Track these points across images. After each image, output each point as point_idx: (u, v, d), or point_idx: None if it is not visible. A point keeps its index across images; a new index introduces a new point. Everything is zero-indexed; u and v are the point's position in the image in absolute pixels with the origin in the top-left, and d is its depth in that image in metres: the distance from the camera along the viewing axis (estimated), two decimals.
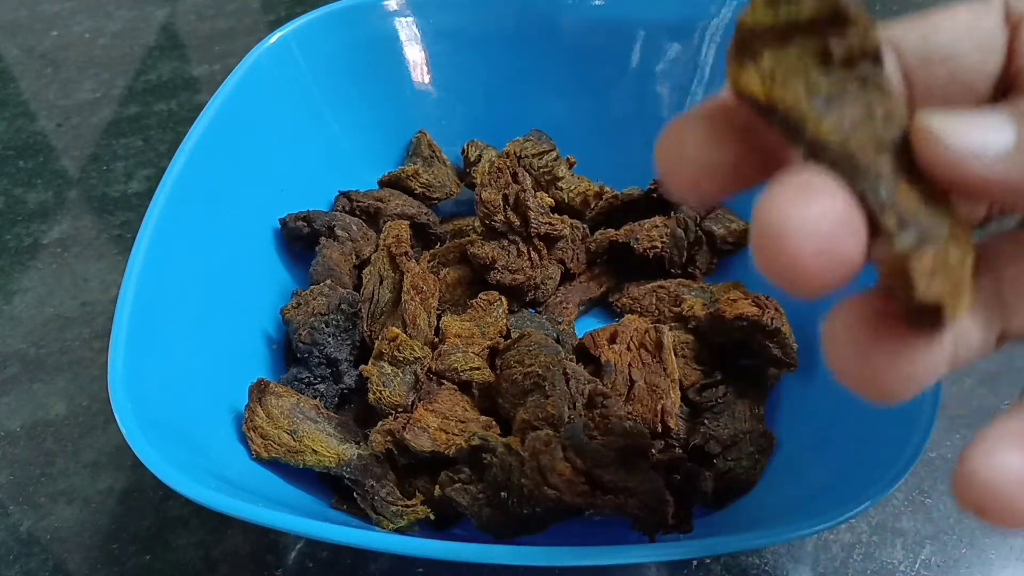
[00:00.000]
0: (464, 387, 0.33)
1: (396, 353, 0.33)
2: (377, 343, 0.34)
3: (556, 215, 0.40)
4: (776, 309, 0.34)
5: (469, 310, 0.36)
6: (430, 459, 0.31)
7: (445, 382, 0.33)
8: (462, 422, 0.31)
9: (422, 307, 0.36)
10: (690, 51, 0.44)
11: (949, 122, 0.15)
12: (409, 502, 0.31)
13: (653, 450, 0.31)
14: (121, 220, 0.50)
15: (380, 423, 0.32)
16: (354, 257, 0.41)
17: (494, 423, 0.32)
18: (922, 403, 0.27)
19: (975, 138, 0.15)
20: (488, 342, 0.34)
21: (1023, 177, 0.14)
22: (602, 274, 0.42)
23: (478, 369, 0.32)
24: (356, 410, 0.36)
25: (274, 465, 0.32)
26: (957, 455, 0.36)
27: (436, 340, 0.35)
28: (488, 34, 0.46)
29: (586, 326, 0.40)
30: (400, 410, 0.33)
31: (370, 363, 0.34)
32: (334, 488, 0.33)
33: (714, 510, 0.32)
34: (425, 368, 0.33)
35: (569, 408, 0.30)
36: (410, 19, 0.47)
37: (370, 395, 0.33)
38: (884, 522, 0.33)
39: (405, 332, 0.35)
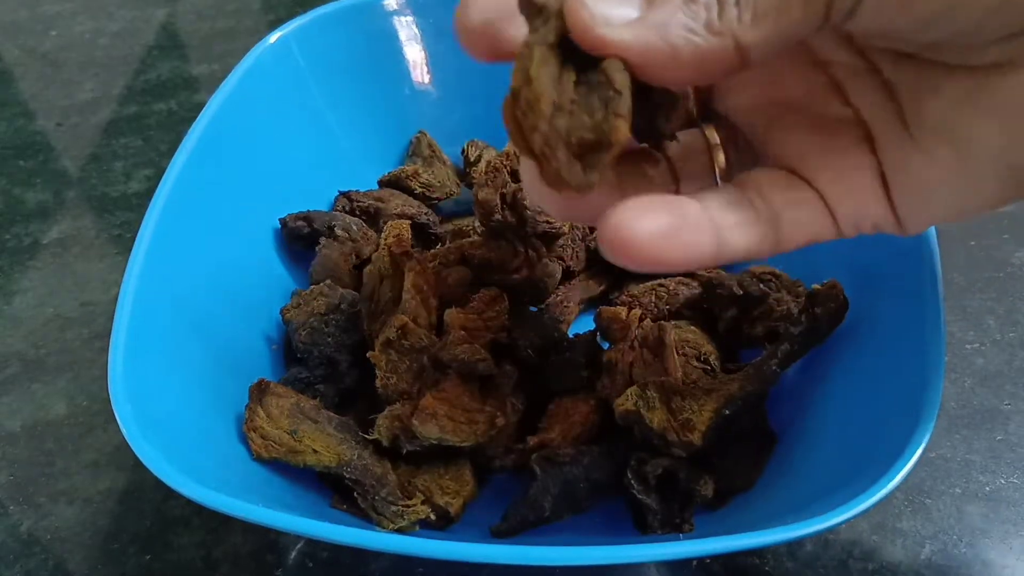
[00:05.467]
0: (468, 378, 0.33)
1: (403, 341, 0.34)
2: (384, 331, 0.34)
3: None
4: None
5: (472, 303, 0.36)
6: (435, 447, 0.31)
7: (450, 372, 0.33)
8: (467, 411, 0.32)
9: (423, 306, 0.36)
10: None
11: None
12: (409, 502, 0.31)
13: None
14: (121, 220, 0.50)
15: (388, 409, 0.32)
16: (354, 257, 0.41)
17: (499, 414, 0.32)
18: (922, 403, 0.27)
19: (606, 8, 0.18)
20: (491, 335, 0.34)
21: (646, 43, 0.18)
22: (602, 272, 0.42)
23: (484, 360, 0.33)
24: (357, 410, 0.36)
25: (274, 465, 0.32)
26: (957, 455, 0.36)
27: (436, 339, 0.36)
28: None
29: (586, 325, 0.40)
30: (405, 397, 0.33)
31: (377, 350, 0.34)
32: (334, 488, 0.33)
33: (714, 508, 0.32)
34: (432, 357, 0.33)
35: None
36: (410, 19, 0.47)
37: (377, 381, 0.33)
38: (884, 522, 0.33)
39: None
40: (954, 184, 0.20)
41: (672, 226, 0.20)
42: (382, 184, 0.45)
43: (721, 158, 0.24)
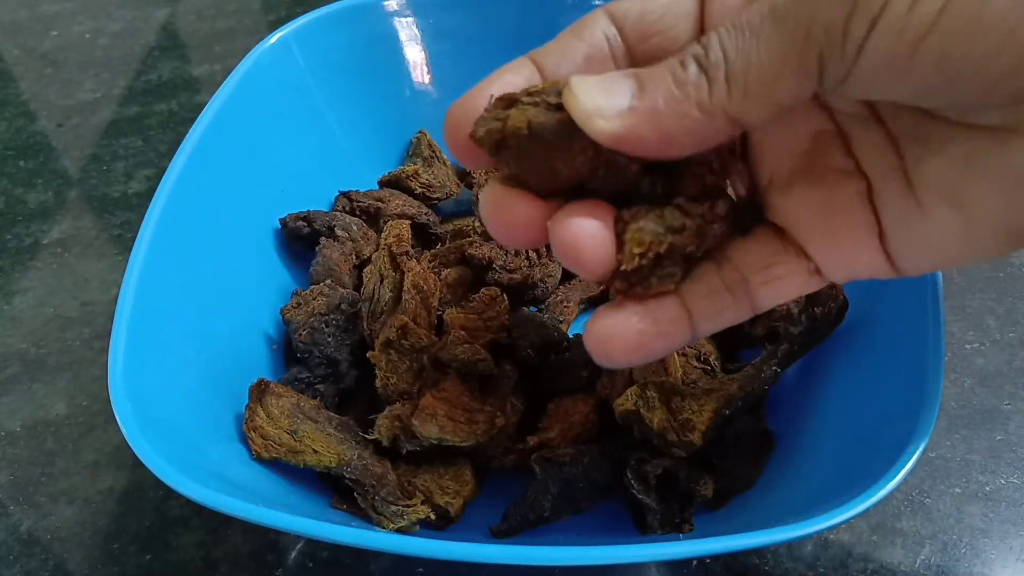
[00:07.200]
0: (468, 378, 0.33)
1: (403, 341, 0.34)
2: (384, 331, 0.34)
3: None
4: None
5: (471, 303, 0.36)
6: (435, 446, 0.31)
7: (450, 371, 0.33)
8: (467, 411, 0.32)
9: (423, 306, 0.36)
10: None
11: (584, 86, 0.19)
12: (409, 502, 0.31)
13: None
14: (121, 220, 0.50)
15: (388, 409, 0.32)
16: (354, 257, 0.41)
17: (499, 414, 0.32)
18: (922, 403, 0.27)
19: (599, 100, 0.18)
20: (491, 335, 0.35)
21: (639, 131, 0.18)
22: None
23: (484, 360, 0.33)
24: (357, 410, 0.36)
25: (274, 465, 0.32)
26: (957, 455, 0.36)
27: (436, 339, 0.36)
28: (488, 34, 0.46)
29: None
30: (406, 397, 0.33)
31: (377, 350, 0.34)
32: (334, 488, 0.33)
33: (714, 508, 0.32)
34: (432, 357, 0.33)
35: None
36: (410, 19, 0.47)
37: (377, 381, 0.33)
38: (884, 522, 0.33)
39: None
40: (953, 241, 0.20)
41: (647, 334, 0.22)
42: (382, 184, 0.45)
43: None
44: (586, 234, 0.20)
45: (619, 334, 0.22)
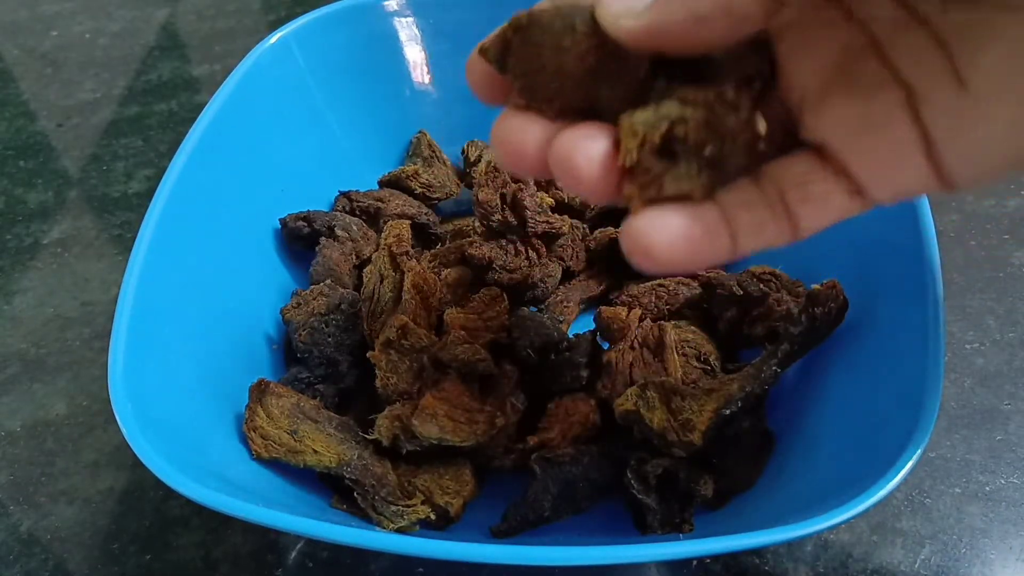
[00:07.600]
0: (468, 378, 0.33)
1: (403, 341, 0.34)
2: (384, 331, 0.34)
3: (556, 214, 0.40)
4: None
5: (471, 303, 0.37)
6: (435, 446, 0.31)
7: (450, 371, 0.33)
8: (467, 411, 0.32)
9: (422, 306, 0.36)
10: None
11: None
12: (409, 502, 0.31)
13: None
14: (121, 220, 0.50)
15: (388, 409, 0.32)
16: (354, 257, 0.41)
17: (499, 414, 0.32)
18: (922, 403, 0.27)
19: (626, 1, 0.19)
20: (491, 335, 0.35)
21: (667, 15, 0.19)
22: (602, 272, 0.42)
23: (484, 360, 0.33)
24: (357, 410, 0.36)
25: (274, 465, 0.32)
26: (957, 455, 0.36)
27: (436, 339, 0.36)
28: (488, 34, 0.46)
29: (586, 325, 0.40)
30: (406, 397, 0.33)
31: (377, 350, 0.34)
32: (334, 488, 0.33)
33: (714, 508, 0.32)
34: (432, 357, 0.33)
35: None
36: (410, 19, 0.47)
37: (377, 381, 0.33)
38: (884, 522, 0.33)
39: None
40: (1010, 138, 0.19)
41: (690, 232, 0.20)
42: (382, 184, 0.45)
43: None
44: (582, 146, 0.20)
45: (659, 231, 0.20)
